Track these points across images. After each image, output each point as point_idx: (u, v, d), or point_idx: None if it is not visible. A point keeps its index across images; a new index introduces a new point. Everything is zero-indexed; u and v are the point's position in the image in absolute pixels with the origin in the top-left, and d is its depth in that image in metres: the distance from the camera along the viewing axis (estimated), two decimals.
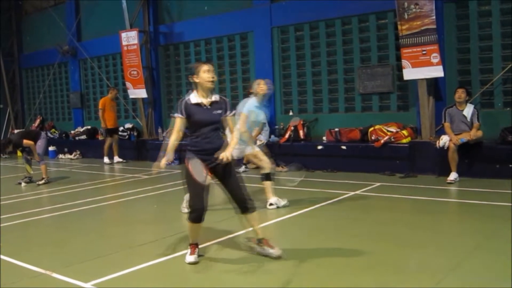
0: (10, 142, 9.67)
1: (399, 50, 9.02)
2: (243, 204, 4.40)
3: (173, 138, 4.36)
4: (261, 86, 6.39)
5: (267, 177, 6.35)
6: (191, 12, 12.91)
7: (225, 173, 4.37)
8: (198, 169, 4.17)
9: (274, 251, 4.38)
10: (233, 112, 4.54)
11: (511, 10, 8.40)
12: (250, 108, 6.31)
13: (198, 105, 4.33)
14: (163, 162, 4.29)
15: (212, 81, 4.34)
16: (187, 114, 4.32)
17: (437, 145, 7.94)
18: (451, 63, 9.02)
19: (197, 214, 4.24)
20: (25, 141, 9.37)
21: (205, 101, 4.35)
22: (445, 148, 7.79)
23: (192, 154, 4.31)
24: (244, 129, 6.14)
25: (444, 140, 7.83)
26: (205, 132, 4.32)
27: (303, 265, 4.20)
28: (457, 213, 6.28)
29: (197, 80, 4.35)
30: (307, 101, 11.03)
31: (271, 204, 6.43)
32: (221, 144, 4.35)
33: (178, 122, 4.35)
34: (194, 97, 4.37)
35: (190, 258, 4.36)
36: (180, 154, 13.11)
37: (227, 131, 4.69)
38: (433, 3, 8.37)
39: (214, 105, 4.38)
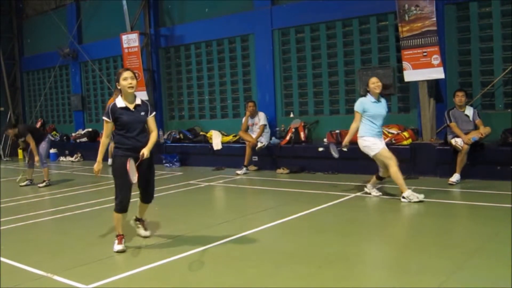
0: (15, 127, 9.63)
1: (400, 52, 9.03)
2: (147, 197, 5.14)
3: (104, 144, 4.88)
4: (374, 84, 6.75)
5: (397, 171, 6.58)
6: (192, 15, 12.93)
7: (146, 168, 4.92)
8: (133, 170, 4.63)
9: (144, 232, 5.26)
10: (154, 113, 5.03)
11: None
12: (364, 105, 6.75)
13: (124, 108, 4.83)
14: (97, 170, 4.86)
15: (131, 87, 4.80)
16: (114, 117, 4.79)
17: (459, 147, 7.69)
18: (451, 65, 9.03)
19: (123, 206, 4.82)
20: (28, 137, 9.32)
21: (130, 104, 4.85)
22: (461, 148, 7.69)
23: (121, 151, 4.78)
24: (355, 125, 6.81)
25: (459, 142, 7.69)
26: (132, 132, 4.81)
27: (305, 267, 4.19)
28: (459, 214, 6.26)
29: (119, 87, 4.87)
30: (308, 103, 11.03)
31: (403, 198, 6.53)
32: (146, 142, 4.86)
33: (109, 127, 4.87)
34: (121, 101, 4.86)
35: (119, 247, 4.82)
36: (181, 156, 13.01)
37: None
38: (434, 4, 8.39)
39: (138, 108, 4.90)
